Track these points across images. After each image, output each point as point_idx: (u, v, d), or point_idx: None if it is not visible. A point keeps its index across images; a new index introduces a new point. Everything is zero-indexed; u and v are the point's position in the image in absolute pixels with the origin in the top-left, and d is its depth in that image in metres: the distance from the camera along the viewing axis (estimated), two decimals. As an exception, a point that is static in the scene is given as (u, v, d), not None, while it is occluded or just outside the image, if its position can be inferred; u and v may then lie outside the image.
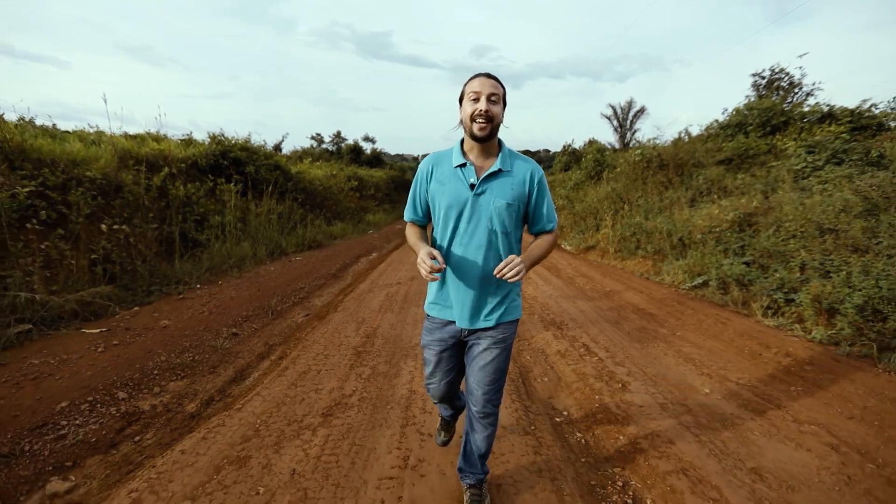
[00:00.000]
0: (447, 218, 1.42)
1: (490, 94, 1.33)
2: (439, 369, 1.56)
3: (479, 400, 1.50)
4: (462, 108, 1.40)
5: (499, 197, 1.38)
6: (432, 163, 1.48)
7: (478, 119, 1.33)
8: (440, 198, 1.43)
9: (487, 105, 1.32)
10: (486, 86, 1.34)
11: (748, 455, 1.97)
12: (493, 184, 1.39)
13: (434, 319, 1.54)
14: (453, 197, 1.40)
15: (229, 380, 2.80)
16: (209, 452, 1.97)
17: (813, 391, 2.55)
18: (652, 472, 1.87)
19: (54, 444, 2.06)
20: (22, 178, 5.01)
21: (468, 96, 1.37)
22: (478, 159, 1.42)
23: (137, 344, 3.33)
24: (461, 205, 1.39)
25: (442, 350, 1.53)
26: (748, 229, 5.66)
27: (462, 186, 1.40)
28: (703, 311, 4.17)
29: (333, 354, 3.14)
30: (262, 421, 2.24)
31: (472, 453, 1.61)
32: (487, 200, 1.38)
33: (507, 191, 1.40)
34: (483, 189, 1.38)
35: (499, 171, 1.39)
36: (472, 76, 1.40)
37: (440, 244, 1.47)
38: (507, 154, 1.43)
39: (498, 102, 1.36)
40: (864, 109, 8.37)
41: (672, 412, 2.35)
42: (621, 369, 2.89)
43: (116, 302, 4.65)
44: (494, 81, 1.37)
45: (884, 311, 3.36)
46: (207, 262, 6.24)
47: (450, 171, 1.42)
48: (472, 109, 1.34)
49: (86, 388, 2.58)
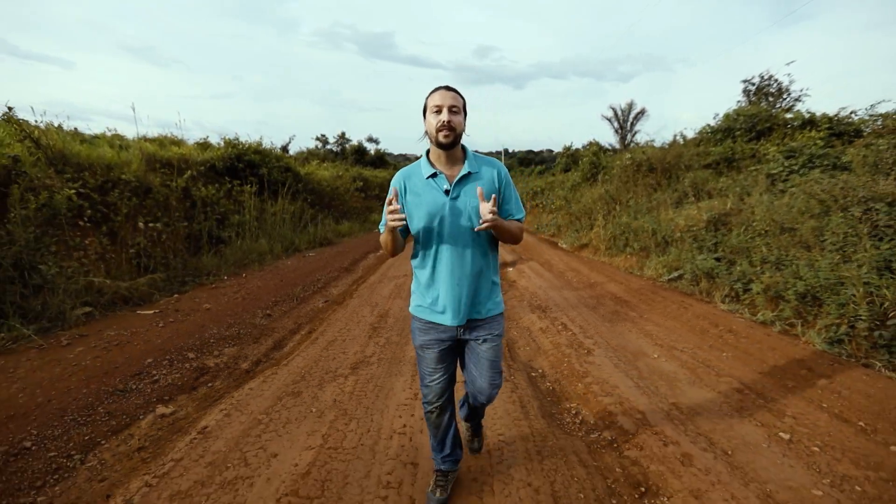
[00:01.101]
0: (429, 226, 1.53)
1: (451, 105, 1.48)
2: (438, 368, 1.64)
3: (485, 389, 1.66)
4: (426, 120, 1.53)
5: (473, 197, 1.52)
6: (403, 178, 1.58)
7: (442, 130, 1.47)
8: (418, 209, 1.54)
9: (449, 116, 1.47)
10: (446, 98, 1.48)
11: (672, 395, 2.68)
12: (466, 187, 1.53)
13: (424, 321, 1.63)
14: (431, 205, 1.52)
15: (271, 347, 3.53)
16: (270, 389, 2.71)
17: (736, 354, 3.25)
18: (598, 404, 2.58)
19: (151, 385, 2.79)
20: (67, 181, 5.78)
21: (431, 109, 1.50)
22: (445, 167, 1.55)
23: (190, 321, 4.07)
24: (440, 210, 1.52)
25: (441, 348, 1.62)
26: (722, 228, 6.35)
27: (438, 194, 1.53)
28: (671, 299, 4.87)
29: (354, 329, 3.87)
30: (306, 371, 2.97)
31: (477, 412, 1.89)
32: (464, 202, 1.52)
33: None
34: (457, 193, 1.52)
35: (468, 174, 1.54)
36: (433, 90, 1.53)
37: (425, 252, 1.59)
38: (472, 158, 1.58)
39: (459, 113, 1.51)
40: (843, 116, 9.02)
41: (623, 369, 3.06)
42: (589, 341, 3.60)
43: (157, 290, 5.40)
44: (454, 93, 1.52)
45: (821, 297, 4.05)
46: (231, 257, 6.98)
47: (422, 182, 1.55)
48: (436, 121, 1.47)
49: (161, 351, 3.32)
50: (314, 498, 1.76)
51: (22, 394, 2.62)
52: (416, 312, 1.66)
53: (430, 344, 1.62)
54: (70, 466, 1.99)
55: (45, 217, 5.06)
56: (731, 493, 1.81)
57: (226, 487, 1.82)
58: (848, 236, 4.49)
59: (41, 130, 6.39)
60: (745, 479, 1.89)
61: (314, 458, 2.02)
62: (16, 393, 2.63)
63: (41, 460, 2.02)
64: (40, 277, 4.38)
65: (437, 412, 1.69)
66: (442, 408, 1.69)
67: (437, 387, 1.65)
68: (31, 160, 5.48)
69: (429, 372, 1.65)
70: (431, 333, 1.61)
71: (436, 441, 1.77)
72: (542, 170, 23.66)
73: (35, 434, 2.21)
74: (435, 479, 1.80)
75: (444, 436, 1.75)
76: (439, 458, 1.79)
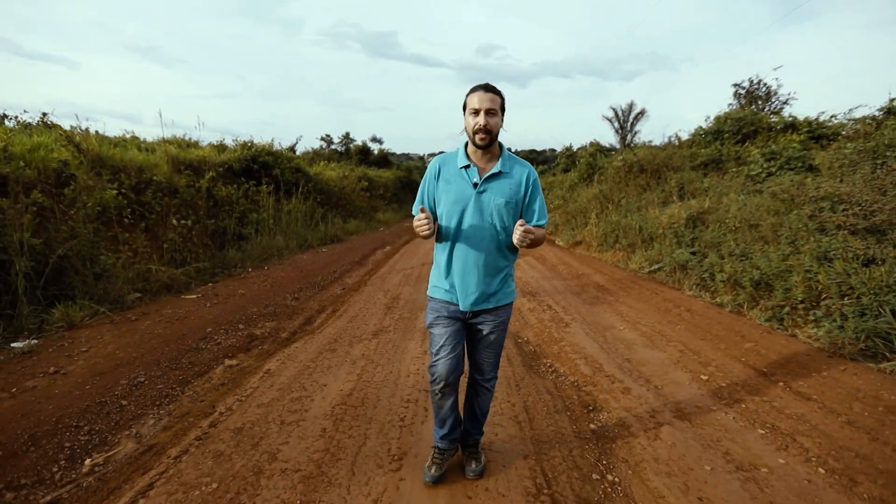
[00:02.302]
0: (452, 213, 1.64)
1: (488, 108, 1.56)
2: (447, 344, 1.72)
3: (485, 371, 1.84)
4: (465, 118, 1.64)
5: (498, 195, 1.62)
6: (440, 163, 1.72)
7: (479, 133, 1.57)
8: (446, 195, 1.66)
9: (486, 119, 1.56)
10: (484, 100, 1.57)
11: (628, 354, 3.46)
12: (494, 184, 1.63)
13: (438, 300, 1.77)
14: (458, 194, 1.63)
15: (303, 322, 4.33)
16: (311, 347, 3.51)
17: (688, 327, 4.03)
18: (567, 360, 3.36)
19: (216, 346, 3.60)
20: (107, 183, 6.60)
21: (469, 110, 1.60)
22: (480, 161, 1.66)
23: (231, 303, 4.88)
24: (465, 201, 1.63)
25: (450, 326, 1.73)
26: (700, 225, 7.12)
27: (466, 185, 1.63)
28: (646, 287, 5.65)
29: (371, 308, 4.67)
30: (336, 336, 3.78)
31: (476, 414, 1.93)
32: (488, 198, 1.62)
33: (506, 190, 1.63)
34: (484, 188, 1.62)
35: (499, 172, 1.63)
36: (472, 89, 1.61)
37: (445, 236, 1.70)
38: (506, 157, 1.67)
39: (496, 114, 1.59)
40: (822, 121, 9.78)
41: (592, 337, 3.84)
42: (568, 317, 4.39)
43: (192, 280, 6.21)
44: (492, 94, 1.59)
45: (772, 283, 4.82)
46: (252, 252, 7.80)
47: (455, 171, 1.66)
48: (473, 123, 1.57)
49: (215, 323, 4.13)
50: (357, 406, 2.57)
51: (120, 351, 3.43)
52: (431, 293, 1.81)
53: (440, 321, 1.74)
54: (175, 394, 2.80)
55: (96, 214, 5.89)
56: (653, 407, 2.60)
57: (294, 402, 2.63)
58: (799, 231, 5.26)
59: (81, 135, 7.24)
60: (664, 401, 2.68)
61: (354, 386, 2.82)
62: (113, 350, 3.45)
63: (154, 390, 2.83)
64: (100, 267, 5.20)
65: (441, 395, 1.77)
66: (446, 390, 1.76)
67: (442, 365, 1.71)
68: (75, 163, 6.31)
69: (436, 350, 1.74)
70: (443, 311, 1.75)
71: (437, 419, 1.89)
72: (544, 170, 24.44)
73: (143, 374, 3.02)
74: (432, 455, 1.94)
75: (446, 417, 1.86)
76: (438, 435, 1.91)
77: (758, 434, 2.31)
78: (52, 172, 5.82)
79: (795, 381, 2.88)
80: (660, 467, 2.05)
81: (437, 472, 1.89)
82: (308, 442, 2.21)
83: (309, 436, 2.27)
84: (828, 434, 2.28)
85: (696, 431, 2.35)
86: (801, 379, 2.91)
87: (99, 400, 2.66)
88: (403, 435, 2.29)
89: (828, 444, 2.19)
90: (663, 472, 2.01)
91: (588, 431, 2.38)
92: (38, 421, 2.42)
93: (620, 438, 2.30)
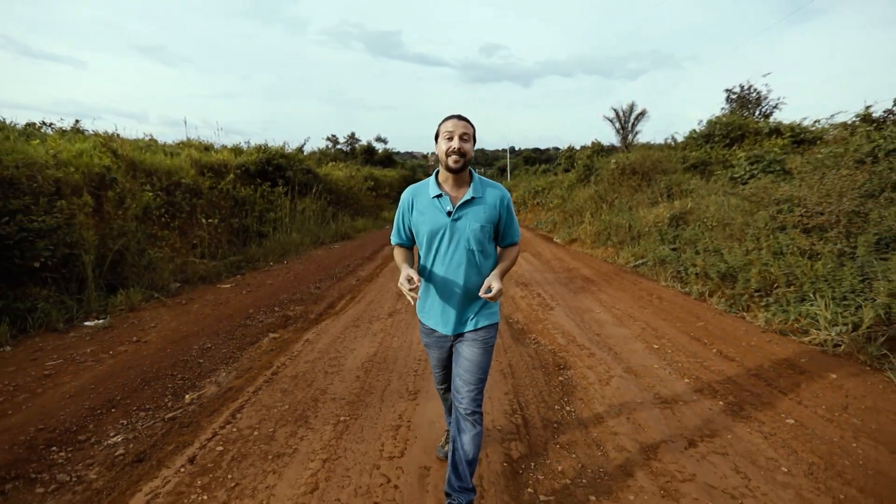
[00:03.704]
0: (430, 242, 1.71)
1: (462, 133, 1.63)
2: (437, 366, 1.93)
3: (465, 398, 1.72)
4: (438, 145, 1.69)
5: (473, 221, 1.67)
6: (412, 195, 1.76)
7: (452, 155, 1.62)
8: (422, 226, 1.71)
9: (460, 143, 1.62)
10: (458, 127, 1.63)
11: (599, 330, 4.27)
12: (468, 210, 1.68)
13: (425, 325, 1.86)
14: (433, 224, 1.68)
15: (327, 306, 5.17)
16: (338, 325, 4.35)
17: (655, 311, 4.83)
18: (548, 335, 4.17)
19: (259, 323, 4.45)
20: (141, 185, 7.45)
21: (443, 135, 1.65)
22: (452, 189, 1.71)
23: (263, 290, 5.73)
24: (441, 230, 1.68)
25: (436, 351, 1.88)
26: (682, 224, 7.91)
27: (440, 214, 1.68)
28: (627, 279, 6.45)
29: (384, 295, 5.51)
30: (358, 316, 4.62)
31: (460, 461, 1.70)
32: (464, 225, 1.67)
33: (481, 215, 1.69)
34: (459, 215, 1.67)
35: (472, 199, 1.68)
36: (446, 118, 1.69)
37: (424, 264, 1.75)
38: (477, 182, 1.72)
39: (469, 140, 1.65)
40: (805, 126, 10.53)
41: (571, 318, 4.65)
42: (554, 303, 5.20)
43: (222, 272, 7.06)
44: (465, 122, 1.67)
45: (736, 275, 5.61)
46: (272, 248, 8.65)
47: (428, 201, 1.70)
48: (447, 147, 1.63)
49: (255, 306, 4.98)
50: (380, 363, 3.40)
51: (183, 326, 4.28)
52: (419, 316, 1.90)
53: (431, 345, 1.88)
54: (236, 356, 3.63)
55: (140, 214, 6.75)
56: (609, 366, 3.42)
57: (332, 360, 3.47)
58: (762, 230, 6.05)
59: (118, 142, 8.12)
60: (619, 362, 3.49)
61: (377, 350, 3.66)
62: (177, 326, 4.30)
63: (220, 353, 3.67)
64: (147, 259, 6.06)
65: (444, 391, 2.05)
66: (446, 385, 2.01)
67: (440, 376, 1.98)
68: (115, 168, 7.16)
69: (433, 366, 1.97)
70: (432, 336, 1.85)
71: (445, 408, 2.15)
72: (546, 169, 25.21)
73: (208, 342, 3.87)
74: (445, 437, 2.23)
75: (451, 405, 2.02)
76: (448, 419, 2.15)
77: (684, 382, 3.12)
78: (96, 176, 6.68)
79: (726, 348, 3.68)
80: (605, 401, 2.87)
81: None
82: (347, 383, 3.05)
83: (347, 380, 3.11)
84: (736, 382, 3.08)
85: (638, 381, 3.16)
86: (731, 347, 3.72)
87: (181, 359, 3.51)
88: (417, 380, 3.12)
89: (734, 388, 2.99)
90: (606, 404, 2.83)
91: (556, 382, 3.19)
92: (142, 372, 3.27)
93: (580, 386, 3.11)
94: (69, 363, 3.39)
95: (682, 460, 2.22)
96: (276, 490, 1.97)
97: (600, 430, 2.52)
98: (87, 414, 2.66)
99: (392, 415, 2.64)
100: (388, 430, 2.49)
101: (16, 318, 4.21)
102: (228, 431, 2.47)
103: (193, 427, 2.54)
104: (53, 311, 4.45)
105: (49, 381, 3.09)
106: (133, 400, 2.86)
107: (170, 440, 2.41)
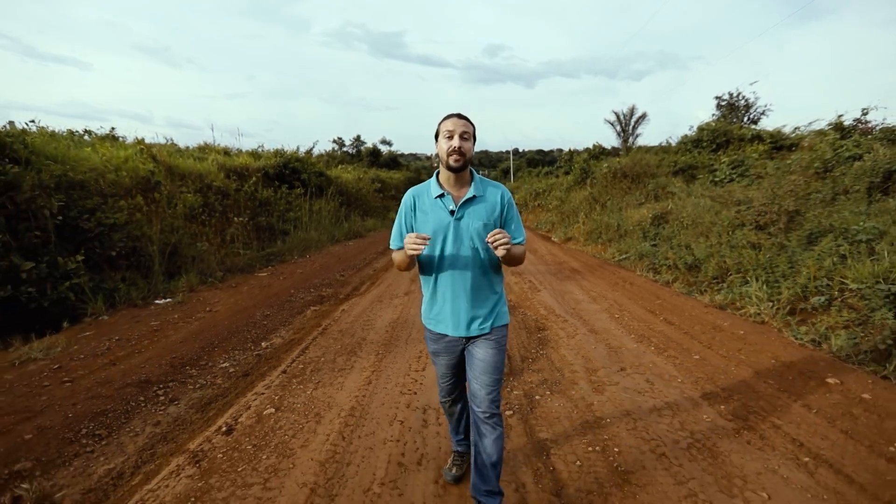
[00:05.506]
0: (434, 242, 1.75)
1: (462, 132, 1.70)
2: (446, 374, 1.95)
3: (483, 400, 1.78)
4: (438, 144, 1.76)
5: (476, 219, 1.75)
6: (414, 195, 1.83)
7: (453, 154, 1.69)
8: (425, 226, 1.77)
9: (460, 142, 1.69)
10: (458, 125, 1.71)
11: (575, 306, 5.42)
12: (470, 209, 1.75)
13: (431, 331, 1.89)
14: (437, 223, 1.75)
15: (352, 289, 6.35)
16: (364, 301, 5.55)
17: (625, 293, 5.98)
18: (534, 309, 5.33)
19: (300, 300, 5.64)
20: (179, 187, 8.67)
21: (443, 134, 1.73)
22: (453, 189, 1.78)
23: (295, 277, 6.93)
24: (444, 229, 1.75)
25: (445, 358, 1.90)
26: (662, 223, 9.05)
27: (443, 214, 1.76)
28: (608, 270, 7.61)
29: (400, 281, 6.70)
30: (379, 296, 5.81)
31: (483, 464, 1.77)
32: (466, 223, 1.74)
33: (483, 213, 1.76)
34: (462, 214, 1.75)
35: (473, 197, 1.75)
36: (446, 116, 1.76)
37: (429, 266, 1.81)
38: (479, 182, 1.80)
39: (469, 139, 1.73)
40: (784, 133, 11.64)
41: (555, 297, 5.81)
42: (541, 287, 6.37)
43: (256, 263, 8.26)
44: (465, 121, 1.74)
45: (700, 266, 6.75)
46: (294, 244, 9.86)
47: (430, 201, 1.78)
48: (448, 146, 1.70)
49: (294, 288, 6.18)
50: (402, 324, 4.59)
51: (241, 302, 5.48)
52: (425, 323, 1.91)
53: (439, 352, 1.88)
54: (290, 321, 4.82)
55: (186, 213, 7.96)
56: (576, 328, 4.57)
57: (365, 322, 4.66)
58: (724, 227, 7.19)
59: (156, 147, 9.37)
60: (585, 325, 4.65)
61: (398, 317, 4.85)
62: (236, 301, 5.50)
63: (277, 319, 4.86)
64: (196, 251, 7.27)
65: (450, 403, 2.05)
66: (454, 400, 2.03)
67: (447, 386, 1.98)
68: (157, 172, 8.37)
69: (440, 374, 1.96)
70: (440, 343, 1.86)
71: (451, 425, 2.15)
72: (548, 171, 26.37)
73: (266, 311, 5.06)
74: (452, 458, 2.21)
75: (458, 421, 2.09)
76: (455, 440, 2.16)
77: (630, 337, 4.27)
78: (142, 180, 7.90)
79: (671, 317, 4.84)
80: (569, 348, 4.03)
81: (458, 472, 2.14)
82: (380, 334, 4.25)
83: (380, 332, 4.31)
84: (669, 336, 4.23)
85: (596, 336, 4.32)
86: (675, 316, 4.87)
87: (250, 321, 4.71)
88: (431, 334, 4.30)
89: (665, 340, 4.14)
90: (570, 350, 3.99)
91: (536, 338, 4.35)
92: (224, 329, 4.46)
93: (553, 340, 4.27)
94: (166, 324, 4.60)
95: (612, 376, 3.38)
96: (344, 384, 3.16)
97: (561, 362, 3.69)
98: (199, 351, 3.86)
99: (414, 350, 3.82)
100: (413, 358, 3.68)
101: (104, 296, 5.42)
102: (304, 358, 3.67)
103: (276, 359, 3.73)
104: (133, 290, 5.67)
105: (159, 334, 4.30)
106: (226, 345, 4.06)
107: (263, 364, 3.60)
